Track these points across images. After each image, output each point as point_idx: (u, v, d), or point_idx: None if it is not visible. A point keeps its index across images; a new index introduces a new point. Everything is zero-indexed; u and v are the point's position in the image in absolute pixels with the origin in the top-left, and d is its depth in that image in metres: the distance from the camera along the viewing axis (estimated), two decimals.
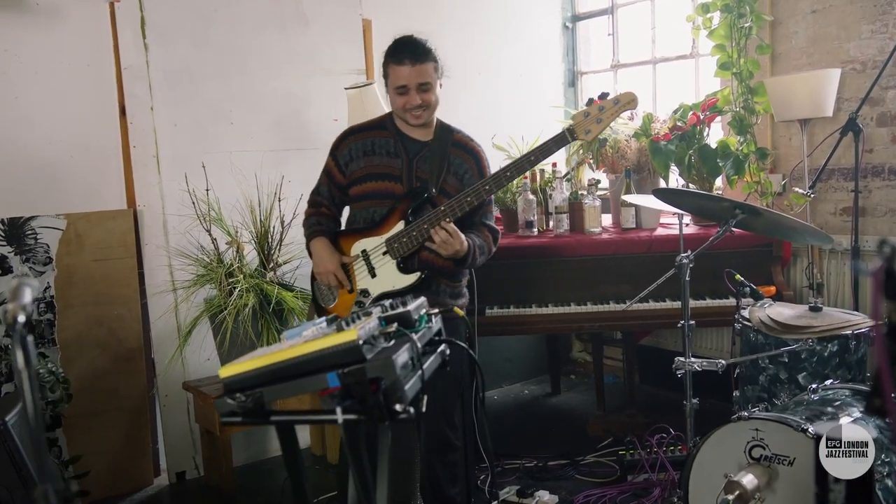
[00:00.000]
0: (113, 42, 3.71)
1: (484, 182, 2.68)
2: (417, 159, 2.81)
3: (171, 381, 3.78)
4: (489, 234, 2.87)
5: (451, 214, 2.65)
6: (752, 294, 3.05)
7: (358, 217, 2.88)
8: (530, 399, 4.90)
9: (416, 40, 2.70)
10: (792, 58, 4.04)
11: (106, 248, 3.66)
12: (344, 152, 2.87)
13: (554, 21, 5.42)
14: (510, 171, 2.68)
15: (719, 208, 2.72)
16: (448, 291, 2.86)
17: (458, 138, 2.87)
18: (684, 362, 2.77)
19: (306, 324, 1.74)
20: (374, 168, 2.81)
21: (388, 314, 1.66)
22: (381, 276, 2.78)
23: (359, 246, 2.82)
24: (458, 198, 2.67)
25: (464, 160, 2.83)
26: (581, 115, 2.66)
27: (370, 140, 2.85)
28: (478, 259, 2.79)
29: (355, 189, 2.85)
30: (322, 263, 2.82)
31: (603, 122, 2.63)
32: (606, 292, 3.81)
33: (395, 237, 2.73)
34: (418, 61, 2.65)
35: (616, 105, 2.64)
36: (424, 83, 2.69)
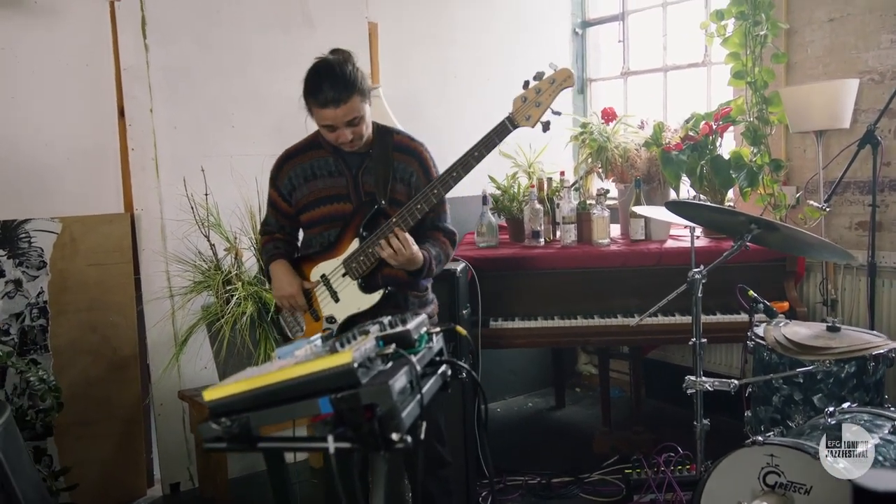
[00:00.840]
0: (113, 42, 3.63)
1: (431, 186, 2.54)
2: (361, 173, 2.65)
3: (166, 389, 3.69)
4: (445, 239, 2.73)
5: (402, 224, 2.52)
6: (766, 311, 2.94)
7: (313, 241, 2.74)
8: (534, 412, 4.79)
9: (336, 74, 2.45)
10: (807, 67, 3.94)
11: (101, 253, 3.58)
12: (285, 181, 2.72)
13: (563, 27, 5.32)
14: (456, 170, 2.53)
15: (734, 223, 2.61)
16: (416, 302, 2.74)
17: (397, 140, 2.70)
18: (695, 381, 2.67)
19: (300, 341, 1.64)
20: (319, 192, 2.67)
21: (387, 333, 1.57)
22: (344, 299, 2.65)
23: (318, 270, 2.68)
24: (409, 206, 2.53)
25: (407, 163, 2.67)
26: (519, 101, 2.52)
27: (308, 164, 2.69)
28: (434, 269, 2.67)
29: (305, 216, 2.72)
30: (281, 287, 2.68)
31: (542, 104, 2.49)
32: (614, 306, 3.71)
33: (352, 257, 2.60)
34: (342, 101, 2.44)
35: (553, 84, 2.50)
36: (352, 119, 2.49)
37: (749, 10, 3.65)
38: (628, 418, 4.19)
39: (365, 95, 2.53)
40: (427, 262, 2.59)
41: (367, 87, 2.56)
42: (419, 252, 2.55)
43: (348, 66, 2.50)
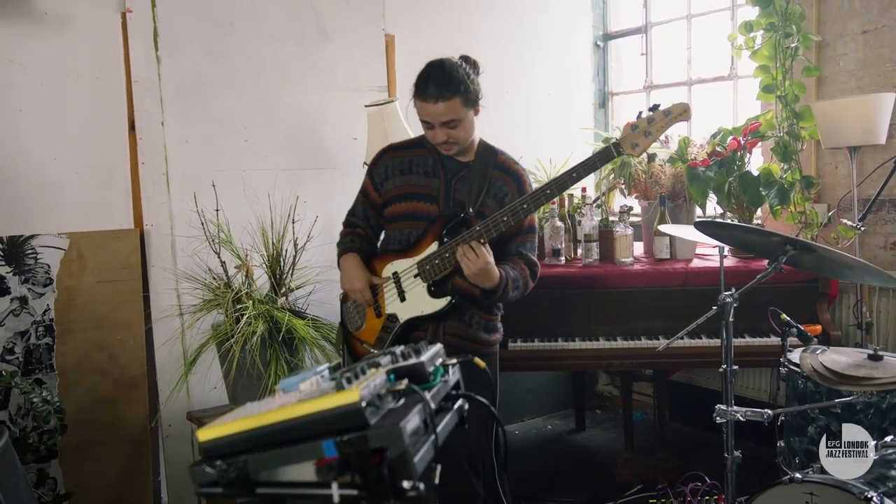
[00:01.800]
0: (124, 53, 3.55)
1: (522, 200, 2.49)
2: (456, 180, 2.64)
3: (174, 410, 3.58)
4: (526, 268, 2.66)
5: (485, 234, 2.46)
6: (800, 336, 2.79)
7: (392, 238, 2.72)
8: (553, 435, 4.65)
9: (445, 71, 2.49)
10: (839, 81, 3.80)
11: (109, 270, 3.48)
12: (381, 170, 2.73)
13: (585, 39, 5.21)
14: (550, 188, 2.49)
15: (768, 243, 2.47)
16: (482, 324, 2.67)
17: (501, 160, 2.70)
18: (726, 411, 2.52)
19: (306, 372, 1.52)
20: (410, 188, 2.66)
21: (398, 366, 1.44)
22: (410, 299, 2.60)
23: (391, 268, 2.66)
24: (494, 217, 2.48)
25: (504, 182, 2.66)
26: (628, 129, 2.46)
27: (408, 158, 2.70)
28: (510, 293, 2.59)
29: (390, 209, 2.70)
30: (350, 280, 2.67)
31: (652, 135, 2.42)
32: (637, 327, 3.57)
33: (427, 259, 2.57)
34: (442, 98, 2.46)
35: (667, 117, 2.43)
36: (450, 121, 2.50)
37: (779, 21, 3.52)
38: (652, 444, 4.04)
39: (470, 101, 2.54)
40: (503, 281, 2.52)
41: (475, 95, 2.56)
42: (496, 269, 2.48)
43: (461, 69, 2.52)
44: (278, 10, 3.90)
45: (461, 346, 2.62)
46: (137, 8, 3.53)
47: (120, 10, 3.53)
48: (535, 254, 2.72)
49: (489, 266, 2.45)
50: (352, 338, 2.78)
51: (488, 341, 2.70)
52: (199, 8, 3.69)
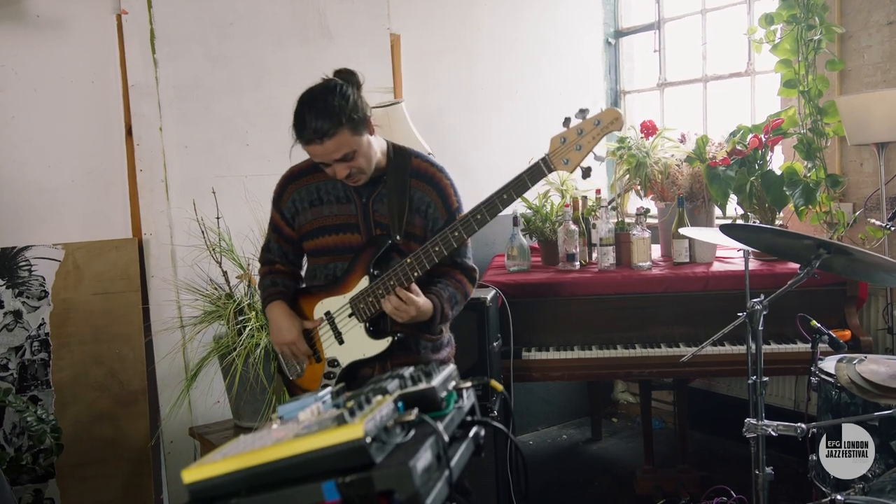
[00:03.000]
0: (120, 57, 3.44)
1: (452, 228, 2.24)
2: (373, 201, 2.38)
3: (176, 426, 3.46)
4: (463, 276, 2.44)
5: (419, 268, 2.25)
6: (831, 343, 2.64)
7: (318, 273, 2.48)
8: (569, 445, 4.50)
9: (319, 106, 2.17)
10: (863, 75, 3.64)
11: (107, 281, 3.36)
12: (288, 204, 2.47)
13: (596, 37, 5.06)
14: (480, 212, 2.22)
15: (799, 247, 2.33)
16: (429, 346, 2.46)
17: (416, 165, 2.41)
18: (756, 425, 2.37)
19: (306, 398, 1.39)
20: (324, 220, 2.41)
21: (407, 392, 1.30)
22: (349, 342, 2.39)
23: (321, 307, 2.43)
24: (425, 248, 2.25)
25: (424, 192, 2.38)
26: (558, 141, 2.20)
27: (314, 186, 2.43)
28: (450, 314, 2.39)
29: (308, 244, 2.46)
30: (280, 334, 2.43)
31: (583, 148, 2.17)
32: (657, 334, 3.43)
33: (360, 296, 2.34)
34: (326, 136, 2.16)
35: (597, 126, 2.17)
36: (344, 155, 2.21)
37: (801, 13, 3.38)
38: (672, 454, 3.89)
39: (358, 127, 2.21)
40: (438, 310, 2.33)
41: (362, 118, 2.23)
42: (426, 304, 2.29)
43: (337, 94, 2.19)
44: (280, 11, 3.78)
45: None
46: (133, 9, 3.42)
47: (115, 12, 3.42)
48: (470, 256, 2.49)
49: (420, 310, 2.27)
50: (293, 387, 2.55)
51: (440, 360, 2.48)
52: (198, 9, 3.58)
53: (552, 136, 2.23)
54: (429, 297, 2.32)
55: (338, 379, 2.42)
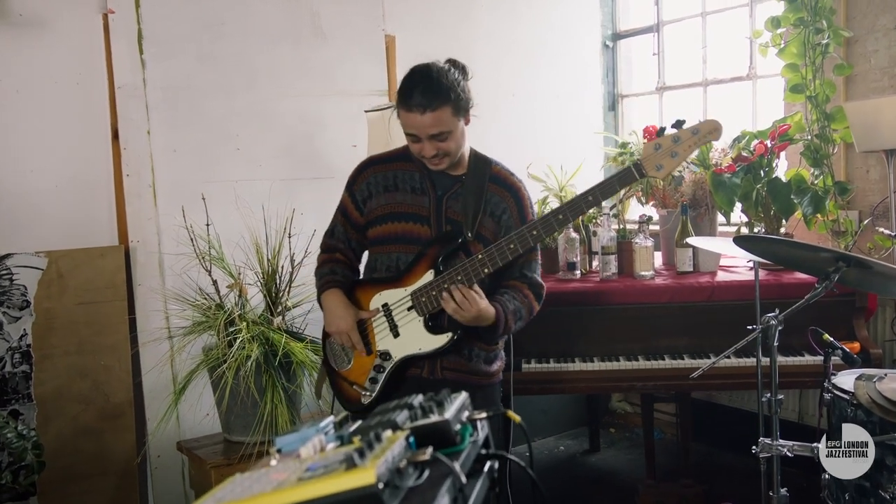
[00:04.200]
0: (106, 57, 3.32)
1: (531, 226, 2.23)
2: (448, 197, 2.37)
3: (163, 440, 3.34)
4: (530, 292, 2.41)
5: (490, 265, 2.23)
6: (845, 357, 2.55)
7: (378, 263, 2.44)
8: (566, 457, 4.40)
9: (432, 77, 2.22)
10: (870, 80, 3.56)
11: (92, 290, 3.25)
12: (362, 186, 2.45)
13: (593, 40, 4.97)
14: (563, 213, 2.24)
15: (816, 259, 2.24)
16: (482, 356, 2.42)
17: (496, 172, 2.43)
18: (771, 445, 2.28)
19: (307, 429, 1.28)
20: (396, 206, 2.39)
21: (419, 425, 1.20)
22: (405, 335, 2.34)
23: (379, 298, 2.38)
24: (500, 244, 2.23)
25: (501, 198, 2.39)
26: (651, 148, 2.19)
27: (392, 173, 2.42)
28: (512, 326, 2.35)
29: (375, 230, 2.43)
30: (335, 322, 2.39)
31: (679, 156, 2.16)
32: (660, 346, 3.33)
33: (423, 290, 2.30)
34: (430, 108, 2.19)
35: (695, 136, 2.17)
36: (439, 133, 2.23)
37: (809, 16, 3.29)
38: (673, 466, 3.80)
39: (460, 110, 2.25)
40: (501, 320, 2.28)
41: (466, 102, 2.27)
42: (489, 309, 2.24)
43: (450, 74, 2.24)
44: (272, 10, 3.68)
45: (460, 380, 2.37)
46: (120, 8, 3.31)
47: (101, 11, 3.32)
48: (539, 272, 2.47)
49: (482, 312, 2.22)
50: (339, 378, 2.49)
51: (489, 372, 2.45)
52: (187, 8, 3.47)
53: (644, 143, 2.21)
54: (493, 304, 2.26)
55: (387, 375, 2.35)
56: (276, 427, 3.02)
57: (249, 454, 3.02)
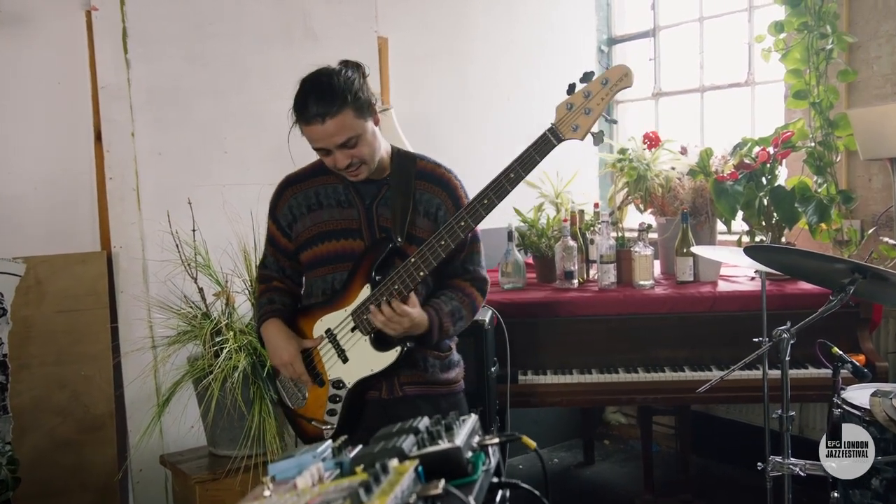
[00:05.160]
0: (89, 57, 3.21)
1: (457, 217, 2.08)
2: (377, 204, 2.22)
3: (146, 454, 3.21)
4: (473, 289, 2.27)
5: (424, 266, 2.09)
6: (855, 371, 2.48)
7: (315, 289, 2.30)
8: (560, 470, 4.30)
9: (323, 85, 2.08)
10: (873, 86, 3.50)
11: (72, 298, 3.13)
12: (284, 210, 2.31)
13: (589, 44, 4.90)
14: (487, 196, 2.06)
15: (829, 271, 2.15)
16: (437, 364, 2.28)
17: (421, 167, 2.27)
18: (782, 464, 2.19)
19: (303, 455, 1.18)
20: (324, 225, 2.24)
21: (427, 452, 1.10)
22: (353, 358, 2.20)
23: (321, 325, 2.24)
24: (430, 243, 2.09)
25: (433, 194, 2.23)
26: (563, 108, 2.04)
27: (313, 190, 2.27)
28: (451, 330, 2.21)
29: (306, 254, 2.28)
30: (276, 353, 2.24)
31: (593, 111, 2.01)
32: (660, 357, 3.25)
33: (363, 307, 2.16)
34: (328, 115, 2.04)
35: (605, 86, 2.01)
36: (346, 140, 2.08)
37: (813, 21, 3.22)
38: (670, 480, 3.72)
39: (363, 110, 2.09)
40: (435, 325, 2.15)
41: (367, 101, 2.11)
42: (420, 316, 2.11)
43: (342, 75, 2.10)
44: (262, 10, 3.58)
45: (421, 393, 2.25)
46: (104, 6, 3.20)
47: (84, 8, 3.21)
48: (482, 265, 2.33)
49: (413, 324, 2.10)
50: (297, 417, 2.35)
51: (448, 380, 2.32)
52: (175, 7, 3.37)
53: (556, 104, 2.07)
54: (426, 309, 2.14)
55: (344, 402, 2.22)
56: (263, 441, 2.92)
57: (236, 468, 2.92)
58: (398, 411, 2.19)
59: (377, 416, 2.23)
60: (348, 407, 2.23)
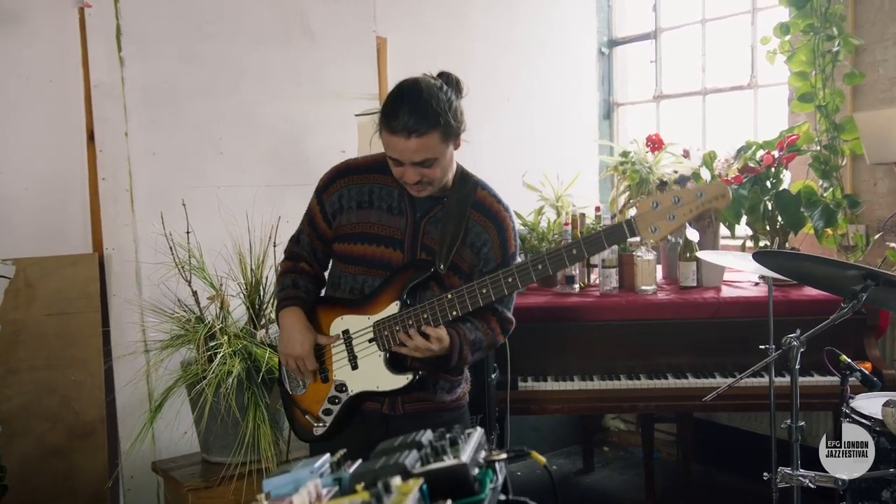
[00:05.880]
0: (82, 54, 3.16)
1: (507, 272, 2.01)
2: (426, 221, 2.14)
3: (138, 460, 3.17)
4: (497, 325, 2.20)
5: (459, 308, 2.02)
6: (864, 380, 2.43)
7: (343, 282, 2.23)
8: (559, 477, 4.24)
9: (422, 98, 1.98)
10: (879, 90, 3.45)
11: (63, 301, 3.07)
12: (333, 198, 2.21)
13: (589, 46, 4.85)
14: (543, 263, 2.00)
15: (840, 277, 2.10)
16: (446, 387, 2.22)
17: (480, 198, 2.18)
18: (792, 475, 2.13)
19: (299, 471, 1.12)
20: (369, 227, 2.17)
21: (433, 469, 1.03)
22: (363, 368, 2.14)
23: (341, 323, 2.18)
24: (471, 287, 2.02)
25: (483, 228, 2.15)
26: (648, 205, 1.95)
27: (368, 187, 2.18)
28: (468, 358, 2.14)
29: (342, 247, 2.21)
30: (290, 344, 2.17)
31: (677, 219, 1.91)
32: (662, 364, 3.19)
33: (386, 323, 2.10)
34: (416, 133, 1.96)
35: (698, 199, 1.90)
36: (424, 160, 2.01)
37: (820, 22, 3.17)
38: (671, 488, 3.66)
39: (450, 135, 2.02)
40: (456, 350, 2.08)
41: (458, 127, 2.04)
42: (447, 338, 2.04)
43: (442, 94, 2.00)
44: (259, 9, 3.54)
45: (424, 410, 2.20)
46: (97, 2, 3.16)
47: (77, 5, 3.16)
48: (510, 308, 2.26)
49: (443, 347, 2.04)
50: (292, 403, 2.30)
51: (453, 400, 2.27)
52: (170, 4, 3.33)
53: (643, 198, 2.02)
54: (450, 331, 2.06)
55: (342, 406, 2.17)
56: (258, 448, 2.87)
57: (230, 476, 2.86)
58: (399, 425, 2.14)
59: (377, 426, 2.18)
60: (344, 412, 2.18)
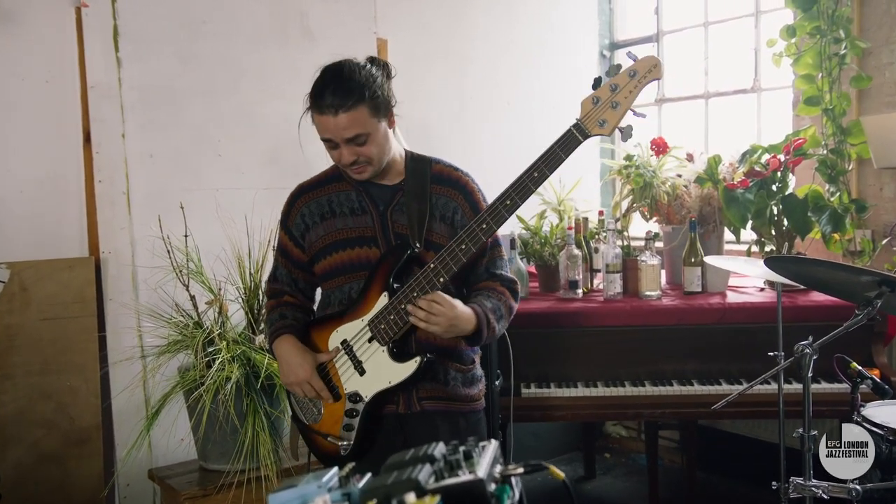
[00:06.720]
0: (78, 55, 3.12)
1: (479, 220, 1.99)
2: (392, 210, 2.14)
3: (134, 468, 3.11)
4: (504, 289, 2.17)
5: (444, 271, 1.99)
6: (875, 388, 2.39)
7: (332, 299, 2.21)
8: (561, 484, 4.17)
9: (343, 75, 2.02)
10: (885, 93, 3.42)
11: (58, 305, 3.03)
12: (297, 220, 2.22)
13: (590, 49, 4.82)
14: (510, 197, 1.96)
15: (853, 283, 2.06)
16: (459, 378, 2.18)
17: (437, 171, 2.19)
18: (804, 486, 2.09)
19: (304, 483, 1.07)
20: (337, 234, 2.16)
21: (448, 485, 0.99)
22: (371, 370, 2.10)
23: (337, 336, 2.14)
24: (450, 247, 1.99)
25: (449, 197, 2.15)
26: (589, 103, 1.94)
27: (326, 198, 2.19)
28: (496, 327, 2.10)
29: (321, 265, 2.20)
30: (291, 372, 2.14)
31: (621, 105, 1.90)
32: (667, 371, 3.15)
33: (380, 316, 2.06)
34: (342, 108, 1.98)
35: (633, 78, 1.90)
36: (356, 136, 2.01)
37: (826, 25, 3.13)
38: (674, 496, 3.60)
39: (379, 110, 2.03)
40: (483, 321, 2.04)
41: (385, 101, 2.05)
42: (465, 311, 2.01)
43: (364, 70, 2.04)
44: (258, 9, 3.51)
45: (440, 409, 2.16)
46: (94, 2, 3.13)
47: (74, 5, 3.12)
48: (506, 269, 2.23)
49: (457, 316, 2.00)
50: (311, 433, 2.25)
51: (470, 396, 2.22)
52: (168, 4, 3.30)
53: (583, 98, 1.97)
54: (470, 305, 2.04)
55: (361, 416, 2.12)
56: (256, 455, 2.82)
57: (228, 484, 2.82)
58: (414, 427, 2.14)
59: (392, 431, 2.15)
60: (365, 422, 2.14)
